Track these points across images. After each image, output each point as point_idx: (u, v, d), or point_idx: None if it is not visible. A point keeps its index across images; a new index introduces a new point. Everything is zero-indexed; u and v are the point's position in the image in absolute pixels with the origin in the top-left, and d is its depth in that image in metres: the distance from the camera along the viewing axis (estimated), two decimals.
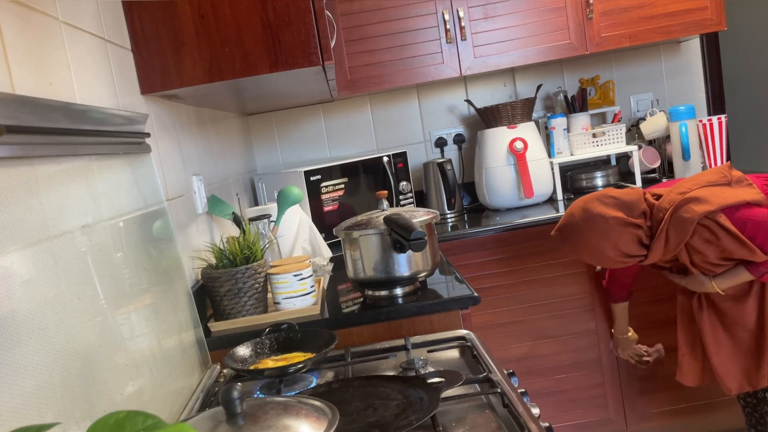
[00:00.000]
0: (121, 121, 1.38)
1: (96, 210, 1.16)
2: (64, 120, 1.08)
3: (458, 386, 1.21)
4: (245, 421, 0.91)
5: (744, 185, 2.10)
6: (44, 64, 1.15)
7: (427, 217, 1.86)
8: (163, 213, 1.55)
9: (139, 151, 1.46)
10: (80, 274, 1.04)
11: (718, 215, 2.01)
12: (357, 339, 1.74)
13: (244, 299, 1.77)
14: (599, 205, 2.15)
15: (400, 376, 1.30)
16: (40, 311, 0.89)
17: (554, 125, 3.28)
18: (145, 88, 1.70)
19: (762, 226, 2.00)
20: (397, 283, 1.86)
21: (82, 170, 1.14)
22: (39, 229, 0.94)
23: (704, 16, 3.09)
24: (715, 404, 2.87)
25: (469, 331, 1.60)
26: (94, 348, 1.03)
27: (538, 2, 3.08)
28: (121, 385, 1.11)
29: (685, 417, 2.90)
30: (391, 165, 3.09)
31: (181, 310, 1.52)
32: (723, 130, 3.12)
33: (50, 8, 1.22)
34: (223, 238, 1.99)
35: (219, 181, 2.43)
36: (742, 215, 2.02)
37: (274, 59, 1.70)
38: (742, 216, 2.02)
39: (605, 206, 2.14)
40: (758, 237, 2.00)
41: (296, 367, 1.38)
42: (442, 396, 1.17)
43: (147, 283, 1.34)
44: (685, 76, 3.59)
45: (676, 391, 2.87)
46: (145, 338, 1.27)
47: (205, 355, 1.63)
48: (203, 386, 1.49)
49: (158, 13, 1.68)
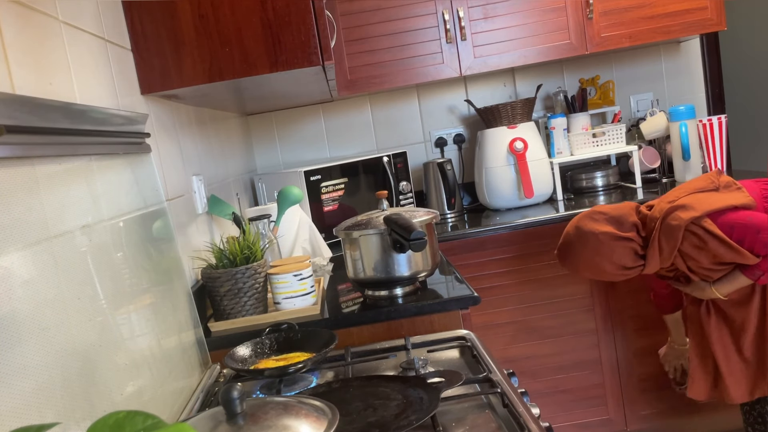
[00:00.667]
0: (121, 121, 1.38)
1: (96, 210, 1.16)
2: (64, 120, 1.08)
3: (458, 386, 1.21)
4: (245, 421, 0.91)
5: (732, 190, 2.12)
6: (44, 64, 1.15)
7: (427, 217, 1.86)
8: (163, 213, 1.55)
9: (139, 151, 1.46)
10: (80, 274, 1.04)
11: (703, 221, 2.03)
12: (357, 339, 1.74)
13: (244, 299, 1.77)
14: (590, 222, 2.20)
15: (400, 376, 1.30)
16: (40, 311, 0.89)
17: (554, 125, 3.28)
18: (145, 88, 1.70)
19: (749, 229, 2.00)
20: (397, 283, 1.86)
21: (82, 170, 1.14)
22: (39, 229, 0.94)
23: (704, 16, 3.09)
24: (714, 404, 2.87)
25: (469, 331, 1.60)
26: (94, 348, 1.03)
27: (538, 2, 3.08)
28: (121, 385, 1.11)
29: (685, 417, 2.90)
30: (391, 165, 3.09)
31: (181, 310, 1.52)
32: (723, 130, 3.12)
33: (50, 8, 1.22)
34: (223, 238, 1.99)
35: (219, 181, 2.43)
36: (728, 219, 2.03)
37: (274, 59, 1.70)
38: (728, 220, 2.03)
39: (595, 222, 2.19)
40: (747, 240, 2.01)
41: (296, 367, 1.38)
42: (442, 396, 1.17)
43: (147, 283, 1.34)
44: (685, 76, 3.59)
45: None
46: (145, 338, 1.27)
47: (205, 355, 1.63)
48: (203, 386, 1.49)
49: (158, 13, 1.68)
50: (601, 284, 2.82)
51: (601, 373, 2.89)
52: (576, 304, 2.85)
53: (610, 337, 2.86)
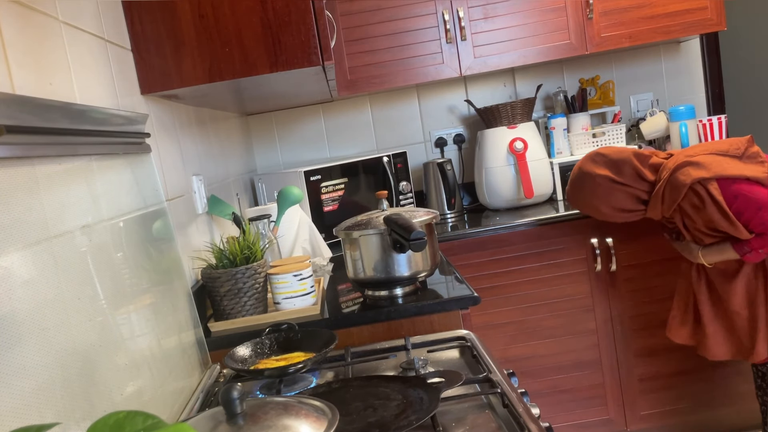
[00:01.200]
0: (121, 121, 1.38)
1: (96, 210, 1.16)
2: (64, 120, 1.08)
3: (458, 386, 1.21)
4: (245, 421, 0.91)
5: (754, 162, 2.10)
6: (44, 64, 1.15)
7: (427, 217, 1.86)
8: (163, 213, 1.55)
9: (139, 151, 1.47)
10: (80, 274, 1.04)
11: (710, 183, 2.03)
12: (357, 339, 1.74)
13: (244, 299, 1.77)
14: (589, 164, 2.28)
15: (400, 376, 1.30)
16: (40, 311, 0.89)
17: (554, 125, 3.28)
18: (145, 88, 1.70)
19: (751, 203, 2.00)
20: (397, 283, 1.86)
21: (82, 170, 1.14)
22: (39, 229, 0.94)
23: (704, 16, 3.09)
24: (715, 404, 2.88)
25: (469, 331, 1.60)
26: (94, 348, 1.03)
27: (538, 2, 3.08)
28: (121, 386, 1.11)
29: (685, 417, 2.90)
30: (391, 165, 3.09)
31: (181, 310, 1.52)
32: (723, 130, 3.12)
33: (50, 8, 1.22)
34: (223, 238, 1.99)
35: (219, 181, 2.43)
36: (736, 189, 2.03)
37: (274, 59, 1.70)
38: (736, 190, 2.03)
39: (595, 165, 2.26)
40: (746, 214, 2.01)
41: (296, 367, 1.38)
42: (442, 396, 1.17)
43: (147, 283, 1.34)
44: (685, 76, 3.59)
45: (676, 390, 2.88)
46: (145, 338, 1.28)
47: (205, 355, 1.63)
48: (203, 386, 1.49)
49: (158, 13, 1.68)
50: (602, 285, 2.82)
51: (601, 373, 2.89)
52: (576, 304, 2.85)
53: (610, 337, 2.86)
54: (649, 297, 2.84)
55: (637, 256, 2.83)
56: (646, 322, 2.85)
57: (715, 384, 2.88)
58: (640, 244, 2.82)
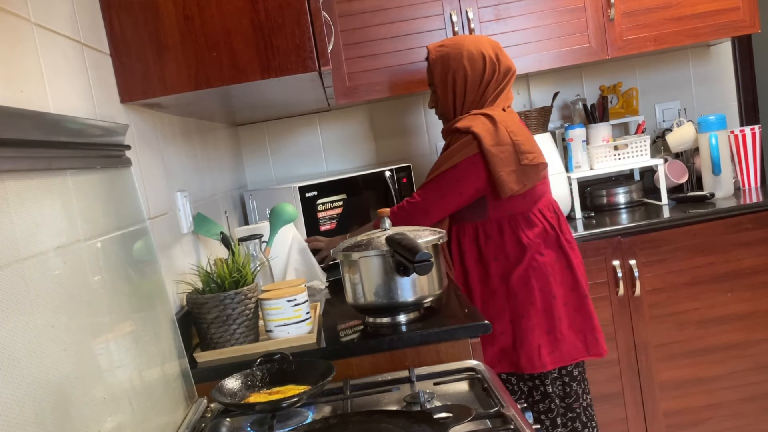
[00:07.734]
0: (99, 132, 1.38)
1: (71, 229, 1.17)
2: (37, 131, 1.09)
3: (467, 422, 1.21)
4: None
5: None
6: (14, 69, 1.15)
7: (433, 237, 1.86)
8: (145, 233, 1.55)
9: (119, 165, 1.47)
10: (54, 299, 1.04)
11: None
12: (357, 370, 1.74)
13: (233, 327, 1.77)
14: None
15: (403, 411, 1.29)
16: (10, 340, 0.89)
17: (572, 137, 3.28)
18: (125, 96, 1.71)
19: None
20: (400, 309, 1.86)
21: (56, 186, 1.14)
22: (8, 250, 0.94)
23: (736, 17, 3.10)
24: None
25: (479, 362, 1.60)
26: (69, 380, 1.03)
27: (554, 2, 3.10)
28: (99, 421, 1.11)
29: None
30: (394, 180, 3.09)
31: (164, 339, 1.52)
32: (757, 142, 3.13)
33: (21, 9, 1.23)
34: (210, 260, 1.99)
35: (206, 198, 2.44)
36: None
37: (266, 65, 1.71)
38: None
39: None
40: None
41: (290, 401, 1.38)
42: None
43: (127, 310, 1.34)
44: (715, 83, 3.60)
45: (704, 427, 2.86)
46: (125, 369, 1.27)
47: (190, 388, 1.62)
48: (188, 422, 1.48)
49: (139, 14, 1.69)
50: (625, 311, 2.82)
51: (624, 408, 2.88)
52: None
53: (633, 368, 2.86)
54: (676, 324, 2.83)
55: (663, 279, 2.83)
56: (672, 352, 2.84)
57: (748, 420, 2.87)
58: (666, 267, 2.82)
